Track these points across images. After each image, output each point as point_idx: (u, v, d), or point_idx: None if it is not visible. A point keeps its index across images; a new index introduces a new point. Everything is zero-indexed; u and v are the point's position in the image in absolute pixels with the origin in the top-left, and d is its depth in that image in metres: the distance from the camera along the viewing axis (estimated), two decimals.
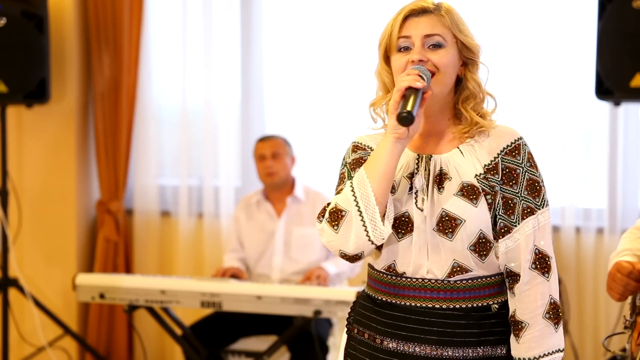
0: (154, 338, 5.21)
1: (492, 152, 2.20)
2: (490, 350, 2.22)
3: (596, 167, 4.72)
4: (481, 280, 2.21)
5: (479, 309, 2.21)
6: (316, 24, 4.98)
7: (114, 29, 5.06)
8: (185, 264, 5.13)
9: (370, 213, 2.12)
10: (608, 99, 4.25)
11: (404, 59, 2.19)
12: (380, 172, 2.13)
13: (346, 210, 2.14)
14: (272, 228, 4.57)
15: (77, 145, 5.14)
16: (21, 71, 4.74)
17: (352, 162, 2.27)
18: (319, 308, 4.05)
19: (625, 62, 4.14)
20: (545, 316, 2.18)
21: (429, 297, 2.20)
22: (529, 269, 2.17)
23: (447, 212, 2.16)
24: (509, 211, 2.18)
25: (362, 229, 2.13)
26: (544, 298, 2.18)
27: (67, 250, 5.17)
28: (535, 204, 2.19)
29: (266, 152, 4.55)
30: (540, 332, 2.18)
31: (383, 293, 2.25)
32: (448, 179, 2.18)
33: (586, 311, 4.60)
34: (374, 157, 2.16)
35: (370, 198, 2.12)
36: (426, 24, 2.19)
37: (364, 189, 2.13)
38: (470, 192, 2.16)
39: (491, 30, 4.69)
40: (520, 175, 2.20)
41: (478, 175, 2.18)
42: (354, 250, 2.16)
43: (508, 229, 2.18)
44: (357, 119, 4.82)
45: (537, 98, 4.71)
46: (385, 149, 2.14)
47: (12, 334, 4.98)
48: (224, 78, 5.07)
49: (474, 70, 2.24)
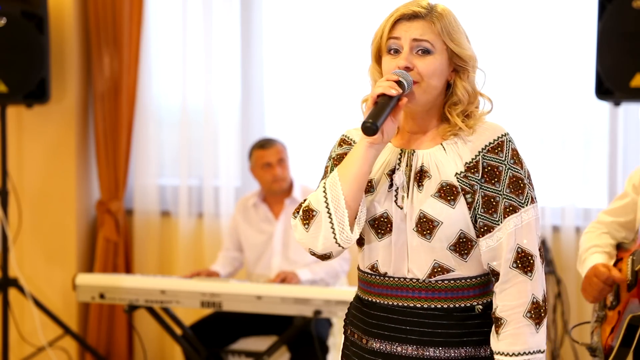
0: (154, 338, 5.21)
1: (474, 150, 2.19)
2: (474, 350, 2.21)
3: (596, 167, 4.72)
4: (464, 281, 2.20)
5: (462, 309, 2.20)
6: (316, 24, 4.99)
7: (114, 29, 5.06)
8: (185, 264, 5.13)
9: (339, 216, 2.14)
10: (608, 99, 4.25)
11: (393, 63, 2.19)
12: (352, 175, 2.14)
13: (317, 211, 2.16)
14: (270, 230, 4.56)
15: (77, 145, 5.14)
16: (21, 71, 4.74)
17: (336, 157, 2.29)
18: (319, 308, 4.05)
19: (625, 62, 4.14)
20: (526, 315, 2.16)
21: (410, 297, 2.20)
22: (510, 267, 2.15)
23: (425, 213, 2.15)
24: (491, 209, 2.16)
25: (330, 231, 2.15)
26: (524, 297, 2.15)
27: (67, 250, 5.17)
28: (518, 202, 2.16)
29: (272, 159, 4.50)
30: (519, 330, 2.15)
31: (368, 293, 2.26)
32: (428, 177, 2.18)
33: (586, 311, 4.59)
34: (347, 160, 2.17)
35: (340, 201, 2.13)
36: (416, 29, 2.17)
37: (335, 191, 2.14)
38: (448, 192, 2.15)
39: (491, 30, 4.69)
40: (503, 172, 2.17)
41: (458, 174, 2.17)
42: (322, 250, 2.18)
43: (489, 227, 2.16)
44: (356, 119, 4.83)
45: (537, 98, 4.71)
46: (359, 153, 2.15)
47: (12, 334, 4.98)
48: (224, 78, 5.07)
49: (464, 78, 2.21)
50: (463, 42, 2.21)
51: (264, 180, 4.54)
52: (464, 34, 2.22)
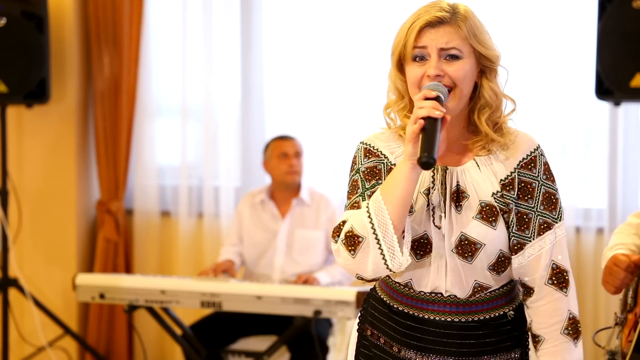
0: (154, 338, 5.21)
1: (508, 166, 2.15)
2: (506, 355, 2.22)
3: (596, 167, 4.72)
4: (497, 292, 2.20)
5: (496, 318, 2.20)
6: (316, 24, 4.98)
7: (114, 29, 5.06)
8: (185, 264, 5.13)
9: (389, 242, 2.06)
10: (608, 99, 4.25)
11: (420, 70, 2.12)
12: (398, 198, 2.06)
13: (363, 237, 2.07)
14: (275, 228, 4.56)
15: (77, 145, 5.14)
16: (21, 71, 4.73)
17: (366, 171, 2.19)
18: (319, 308, 4.05)
19: (625, 62, 4.14)
20: (564, 332, 2.16)
21: (447, 312, 2.18)
22: (545, 284, 2.15)
23: (467, 236, 2.12)
24: (523, 226, 2.14)
25: (380, 257, 2.07)
26: (561, 314, 2.16)
27: (67, 250, 5.17)
28: (552, 218, 2.17)
29: (289, 150, 4.54)
30: (557, 347, 2.16)
31: (399, 303, 2.22)
32: (466, 197, 2.14)
33: (586, 311, 4.59)
34: (390, 182, 2.09)
35: (389, 226, 2.06)
36: (443, 36, 2.11)
37: (381, 215, 2.06)
38: (489, 213, 2.12)
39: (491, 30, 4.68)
40: (536, 189, 2.16)
41: (495, 194, 2.14)
42: (372, 275, 2.11)
43: (521, 245, 2.15)
44: (356, 119, 4.83)
45: (537, 98, 4.71)
46: (403, 174, 2.06)
47: (12, 334, 4.98)
48: (224, 78, 5.07)
49: (492, 78, 2.17)
50: (489, 42, 2.17)
51: (279, 171, 4.54)
52: (487, 33, 2.18)
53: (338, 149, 4.92)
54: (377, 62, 4.70)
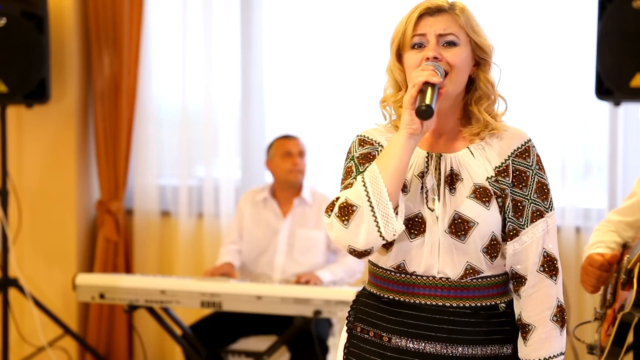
0: (154, 338, 5.21)
1: (502, 154, 2.20)
2: (498, 349, 2.23)
3: (596, 167, 4.72)
4: (489, 280, 2.22)
5: (487, 307, 2.22)
6: (316, 24, 4.99)
7: (114, 29, 5.06)
8: (185, 264, 5.13)
9: (383, 208, 2.08)
10: (608, 99, 4.25)
11: (419, 55, 2.18)
12: (393, 167, 2.09)
13: (357, 205, 2.09)
14: (276, 227, 4.56)
15: (77, 145, 5.14)
16: (21, 71, 4.73)
17: (360, 157, 2.23)
18: (319, 308, 4.05)
19: (625, 62, 4.14)
20: (553, 319, 2.20)
21: (439, 295, 2.20)
22: (537, 271, 2.19)
23: (460, 214, 2.15)
24: (518, 214, 2.19)
25: (373, 224, 2.09)
26: (551, 301, 2.20)
27: (67, 250, 5.17)
28: (544, 207, 2.21)
29: (293, 149, 4.55)
30: (546, 334, 2.19)
31: (390, 291, 2.24)
32: (460, 180, 2.18)
33: (586, 311, 4.59)
34: (386, 152, 2.13)
35: (383, 193, 2.08)
36: (441, 23, 2.19)
37: (376, 184, 2.09)
38: (482, 194, 2.16)
39: (491, 30, 4.68)
40: (530, 177, 2.20)
41: (489, 178, 2.18)
42: (364, 245, 2.12)
43: (517, 231, 2.19)
44: (357, 119, 4.83)
45: (537, 98, 4.71)
46: (399, 143, 2.10)
47: (12, 334, 4.98)
48: (224, 78, 5.07)
49: (487, 70, 2.25)
50: (484, 33, 2.25)
51: (281, 169, 4.54)
52: (482, 28, 2.26)
53: (338, 149, 4.92)
54: (377, 62, 4.70)
